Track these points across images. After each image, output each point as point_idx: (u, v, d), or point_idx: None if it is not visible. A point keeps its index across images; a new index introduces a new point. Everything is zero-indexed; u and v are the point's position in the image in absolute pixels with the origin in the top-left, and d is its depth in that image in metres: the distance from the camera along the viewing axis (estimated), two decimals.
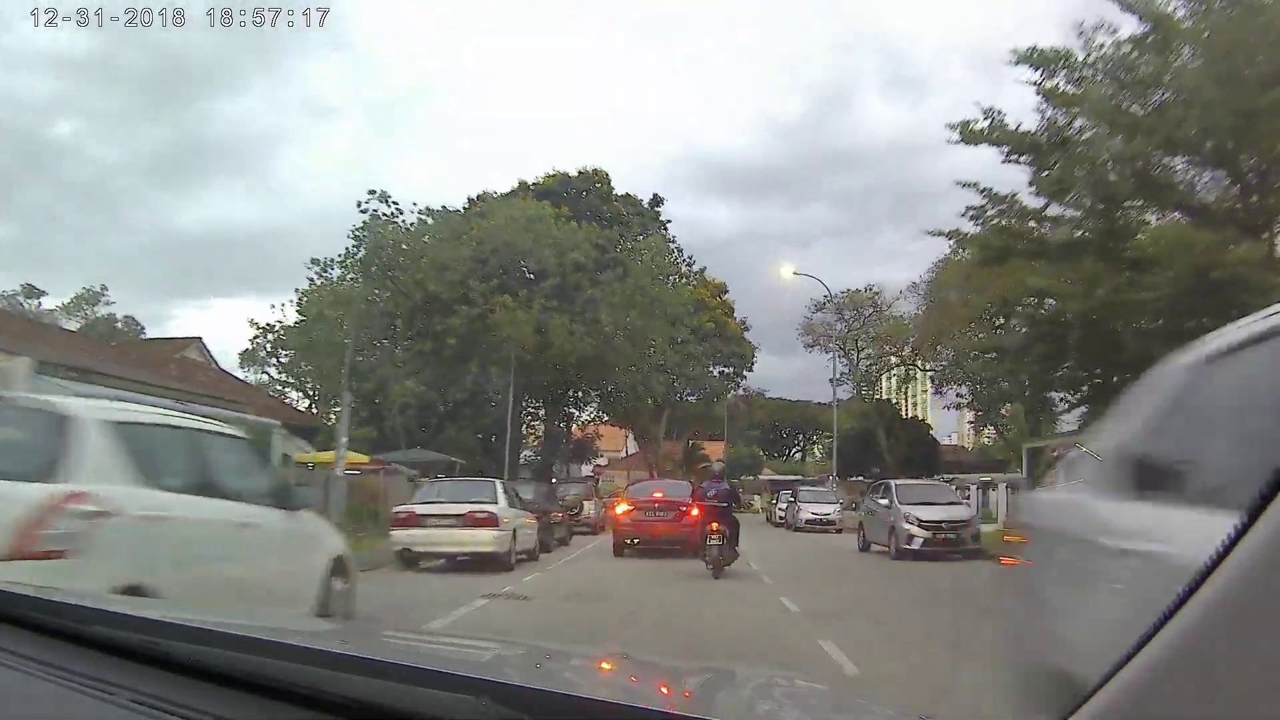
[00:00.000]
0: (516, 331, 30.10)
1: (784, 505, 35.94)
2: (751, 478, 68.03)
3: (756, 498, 60.75)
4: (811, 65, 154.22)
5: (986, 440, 64.33)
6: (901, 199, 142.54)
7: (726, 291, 49.00)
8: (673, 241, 42.66)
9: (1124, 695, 0.90)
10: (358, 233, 31.93)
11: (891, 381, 64.93)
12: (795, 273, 43.85)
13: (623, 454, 69.00)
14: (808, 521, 30.73)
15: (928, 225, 56.80)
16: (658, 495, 18.67)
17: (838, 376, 62.66)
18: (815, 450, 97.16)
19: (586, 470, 55.96)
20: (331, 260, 32.29)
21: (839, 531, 30.03)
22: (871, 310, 58.62)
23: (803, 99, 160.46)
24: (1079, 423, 49.77)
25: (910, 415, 65.06)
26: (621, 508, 18.70)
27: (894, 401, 62.72)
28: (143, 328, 52.30)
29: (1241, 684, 0.81)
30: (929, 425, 68.06)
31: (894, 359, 59.02)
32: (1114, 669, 0.91)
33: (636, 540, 17.45)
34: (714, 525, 13.67)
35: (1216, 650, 0.83)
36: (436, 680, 1.29)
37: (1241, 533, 0.85)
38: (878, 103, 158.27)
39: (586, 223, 35.92)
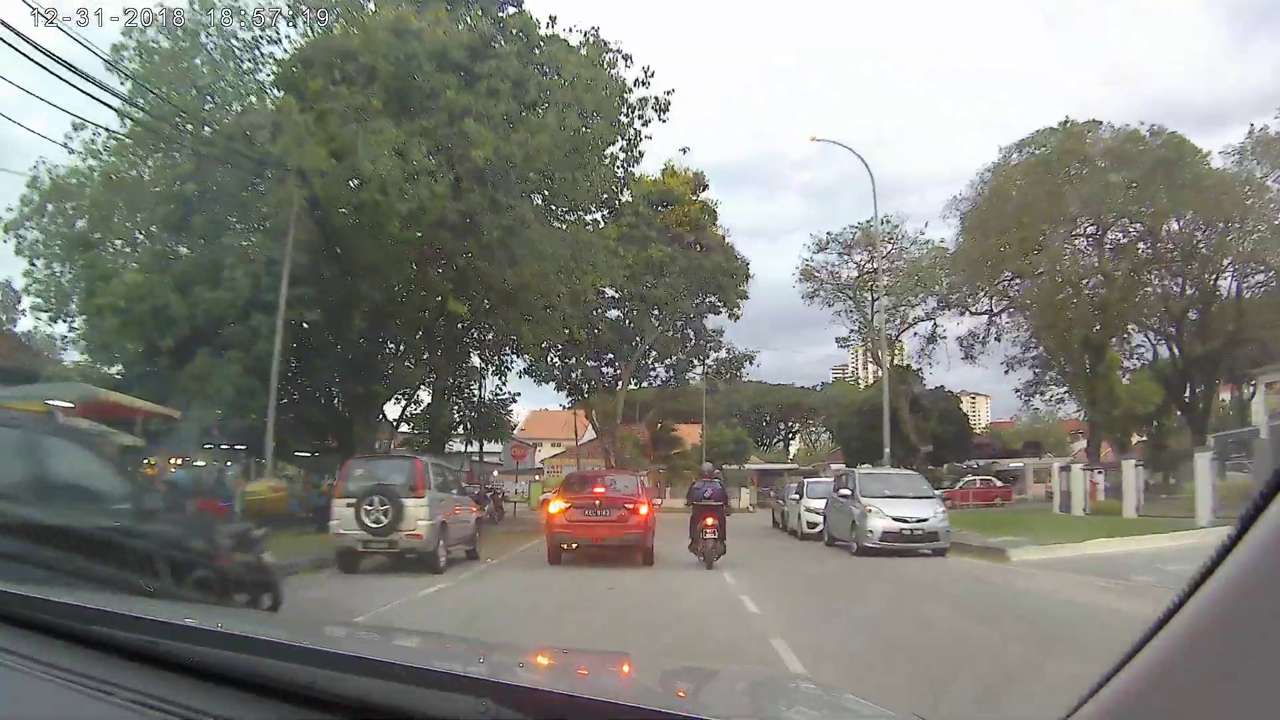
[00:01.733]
0: (302, 156, 14.87)
1: (817, 504, 20.19)
2: (736, 467, 53.17)
3: (744, 491, 45.71)
4: (782, 63, 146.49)
5: (1038, 410, 49.84)
6: (868, 193, 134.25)
7: (706, 187, 34.11)
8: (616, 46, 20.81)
9: (1124, 695, 0.89)
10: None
11: (907, 344, 50.03)
12: (816, 139, 29.99)
13: (575, 439, 53.67)
14: (887, 536, 15.49)
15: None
16: (599, 491, 15.44)
17: (850, 335, 48.26)
18: (807, 437, 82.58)
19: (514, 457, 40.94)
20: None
21: (941, 554, 15.36)
22: (891, 246, 44.26)
23: (771, 94, 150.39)
24: None
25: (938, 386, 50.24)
26: (555, 505, 14.99)
27: (916, 369, 48.02)
28: (17, 295, 39.94)
29: (1240, 685, 0.79)
30: (958, 398, 53.53)
31: (915, 308, 44.57)
32: (1114, 669, 0.91)
33: (574, 544, 14.44)
34: (709, 521, 14.35)
35: (1215, 651, 0.82)
36: (436, 680, 1.31)
37: (1241, 534, 0.83)
38: (847, 99, 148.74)
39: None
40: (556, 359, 38.46)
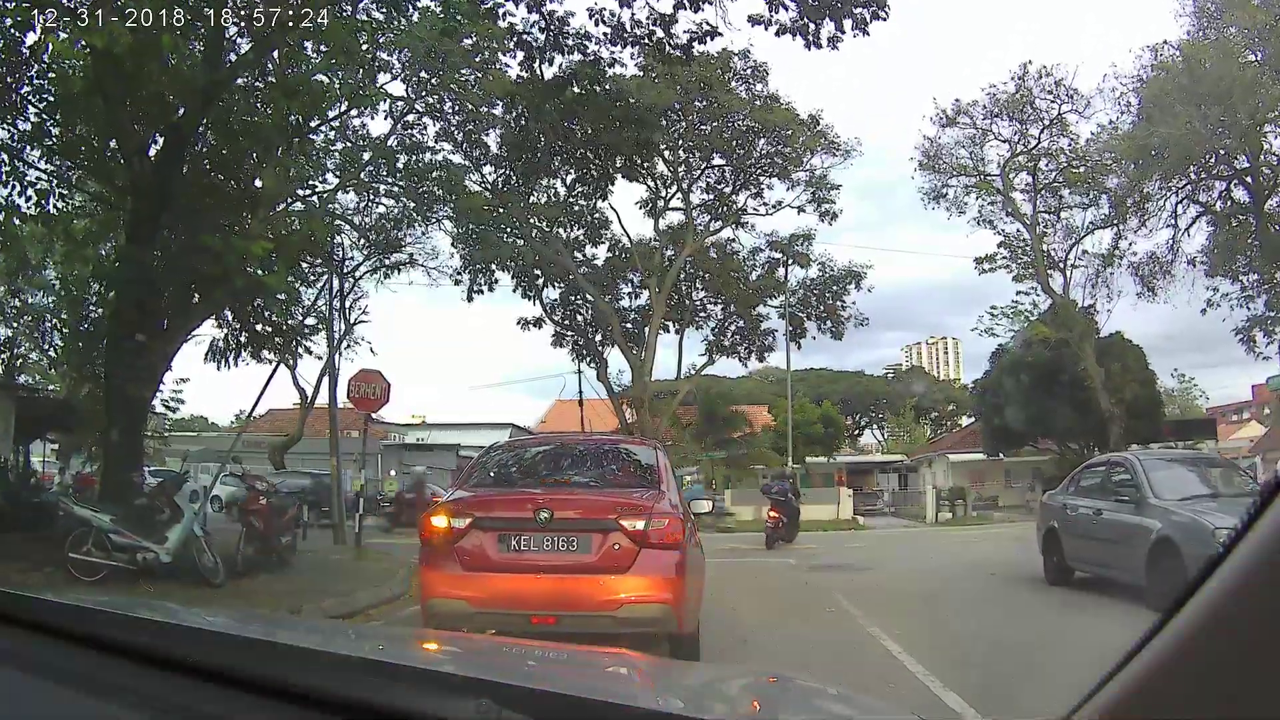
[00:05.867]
0: None
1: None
2: (824, 459, 37.31)
3: (844, 492, 29.21)
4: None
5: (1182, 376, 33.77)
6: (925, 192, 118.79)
7: None
8: None
9: (1124, 695, 0.89)
10: None
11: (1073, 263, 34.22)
12: None
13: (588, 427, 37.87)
14: None
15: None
16: (554, 486, 6.40)
17: (999, 249, 32.71)
18: (883, 429, 66.39)
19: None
20: None
21: None
22: (1062, 104, 29.23)
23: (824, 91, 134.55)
24: None
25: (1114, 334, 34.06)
26: (436, 524, 5.79)
27: (1090, 308, 32.05)
28: None
29: (1241, 684, 0.79)
30: (1140, 348, 36.94)
31: (1087, 210, 30.08)
32: (1115, 669, 0.91)
33: (490, 629, 4.31)
34: (774, 514, 18.87)
35: (1216, 650, 0.82)
36: (436, 680, 1.32)
37: (1241, 534, 0.83)
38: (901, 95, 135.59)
39: None
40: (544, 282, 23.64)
